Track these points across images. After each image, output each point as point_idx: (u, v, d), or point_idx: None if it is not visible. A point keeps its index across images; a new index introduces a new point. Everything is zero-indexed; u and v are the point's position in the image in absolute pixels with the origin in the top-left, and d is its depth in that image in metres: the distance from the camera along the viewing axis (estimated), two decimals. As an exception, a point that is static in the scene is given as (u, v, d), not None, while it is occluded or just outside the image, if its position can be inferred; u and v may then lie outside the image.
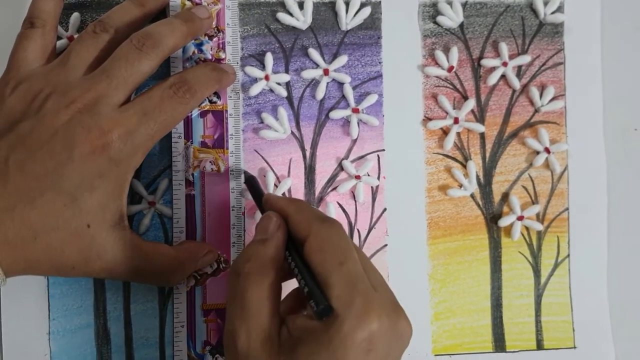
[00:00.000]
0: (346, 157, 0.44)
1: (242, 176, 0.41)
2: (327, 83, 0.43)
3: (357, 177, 0.43)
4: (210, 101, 0.41)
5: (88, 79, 0.35)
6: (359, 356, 0.29)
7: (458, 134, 0.45)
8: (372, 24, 0.44)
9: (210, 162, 0.41)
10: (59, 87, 0.35)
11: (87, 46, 0.36)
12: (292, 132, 0.43)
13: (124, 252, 0.35)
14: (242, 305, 0.32)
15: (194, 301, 0.41)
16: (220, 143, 0.42)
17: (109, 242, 0.35)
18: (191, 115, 0.41)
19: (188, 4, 0.41)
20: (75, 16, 0.41)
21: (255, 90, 0.42)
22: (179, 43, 0.38)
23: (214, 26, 0.41)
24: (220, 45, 0.42)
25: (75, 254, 0.34)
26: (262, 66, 0.43)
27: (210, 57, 0.41)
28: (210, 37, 0.41)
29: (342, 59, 0.43)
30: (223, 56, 0.42)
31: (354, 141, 0.44)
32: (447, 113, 0.44)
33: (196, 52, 0.41)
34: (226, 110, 0.42)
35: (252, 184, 0.40)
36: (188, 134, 0.41)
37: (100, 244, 0.34)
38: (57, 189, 0.33)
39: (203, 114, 0.41)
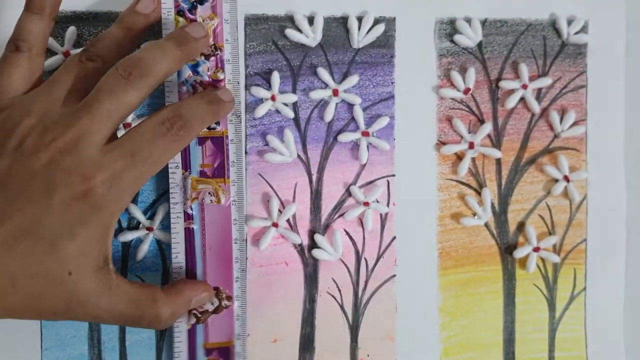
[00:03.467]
0: (354, 183, 0.41)
1: None
2: (336, 104, 0.41)
3: (366, 204, 0.41)
4: (209, 127, 0.38)
5: (70, 114, 0.32)
6: None
7: (473, 159, 0.42)
8: (386, 42, 0.42)
9: (209, 193, 0.38)
10: (40, 121, 0.32)
11: (73, 75, 0.34)
12: (299, 156, 0.41)
13: (108, 297, 0.33)
14: None
15: (195, 340, 0.39)
16: (220, 172, 0.38)
17: (92, 288, 0.32)
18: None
19: (182, 20, 0.38)
20: (71, 30, 0.39)
21: (260, 111, 0.40)
22: (171, 69, 0.34)
23: (211, 44, 0.38)
24: (219, 65, 0.38)
25: (56, 301, 0.32)
26: (268, 85, 0.40)
27: (207, 79, 0.38)
28: (207, 57, 0.38)
29: (353, 79, 0.41)
30: (222, 77, 0.38)
31: (363, 166, 0.42)
32: (461, 137, 0.42)
33: (192, 74, 0.38)
34: (226, 136, 0.38)
35: None
36: (186, 164, 0.38)
37: (82, 290, 0.32)
38: (36, 236, 0.31)
39: (201, 141, 0.38)
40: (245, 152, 0.40)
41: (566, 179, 0.43)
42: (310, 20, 0.41)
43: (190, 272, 0.38)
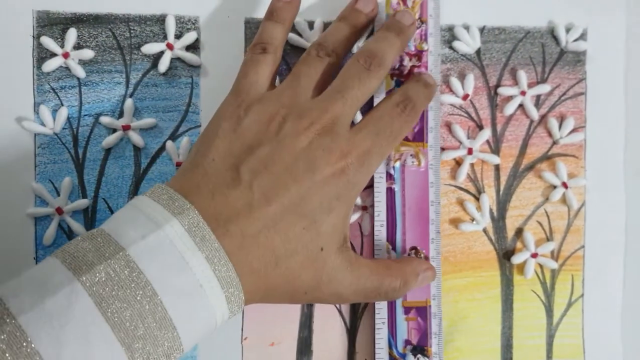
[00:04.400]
0: (354, 187, 0.42)
1: None
2: (336, 108, 0.42)
3: (364, 208, 0.41)
4: None
5: (322, 100, 0.35)
6: None
7: (472, 165, 0.42)
8: (385, 47, 0.42)
9: (411, 155, 0.40)
10: (294, 109, 0.34)
11: (315, 68, 0.36)
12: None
13: (352, 272, 0.35)
14: None
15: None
16: (420, 136, 0.40)
17: (338, 264, 0.35)
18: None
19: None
20: (71, 32, 0.39)
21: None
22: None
23: (417, 17, 0.40)
24: (423, 37, 0.40)
25: (309, 278, 0.34)
26: (268, 89, 0.41)
27: (413, 49, 0.40)
28: None
29: (353, 84, 0.41)
30: (426, 47, 0.40)
31: (363, 170, 0.42)
32: (460, 143, 0.42)
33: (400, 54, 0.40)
34: None
35: None
36: None
37: (330, 266, 0.34)
38: (299, 212, 0.33)
39: None
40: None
41: (564, 185, 0.43)
42: (311, 25, 0.41)
43: (390, 231, 0.40)
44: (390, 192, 0.40)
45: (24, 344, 0.26)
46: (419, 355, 0.40)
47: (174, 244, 0.30)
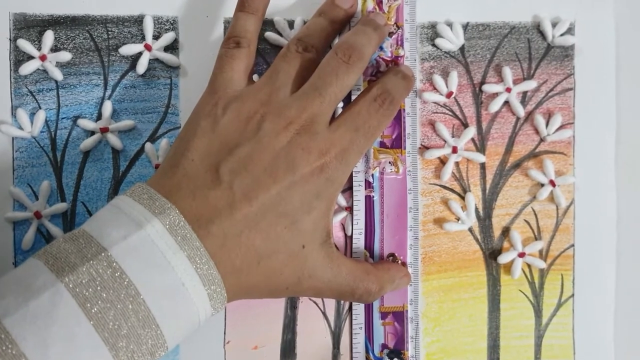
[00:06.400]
0: (336, 187, 0.41)
1: None
2: (317, 108, 0.41)
3: (347, 209, 0.41)
4: None
5: (300, 98, 0.34)
6: None
7: (457, 163, 0.42)
8: (367, 45, 0.41)
9: (390, 162, 0.40)
10: (272, 107, 0.34)
11: (294, 64, 0.36)
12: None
13: (331, 269, 0.35)
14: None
15: (372, 304, 0.40)
16: (398, 143, 0.40)
17: (319, 261, 0.35)
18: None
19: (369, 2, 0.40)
20: (48, 34, 0.39)
21: (240, 115, 0.40)
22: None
23: (393, 23, 0.40)
24: (399, 42, 0.40)
25: (291, 275, 0.34)
26: (248, 89, 0.40)
27: (390, 55, 0.40)
28: (390, 34, 0.40)
29: (334, 83, 0.41)
30: (402, 53, 0.40)
31: (345, 170, 0.41)
32: (445, 141, 0.42)
33: (376, 50, 0.39)
34: (404, 109, 0.40)
35: None
36: None
37: (312, 263, 0.34)
38: (279, 212, 0.33)
39: None
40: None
41: (552, 183, 0.42)
42: (291, 24, 0.40)
43: (369, 238, 0.40)
44: (369, 199, 0.40)
45: (10, 345, 0.27)
46: (395, 359, 0.40)
47: (155, 243, 0.30)
